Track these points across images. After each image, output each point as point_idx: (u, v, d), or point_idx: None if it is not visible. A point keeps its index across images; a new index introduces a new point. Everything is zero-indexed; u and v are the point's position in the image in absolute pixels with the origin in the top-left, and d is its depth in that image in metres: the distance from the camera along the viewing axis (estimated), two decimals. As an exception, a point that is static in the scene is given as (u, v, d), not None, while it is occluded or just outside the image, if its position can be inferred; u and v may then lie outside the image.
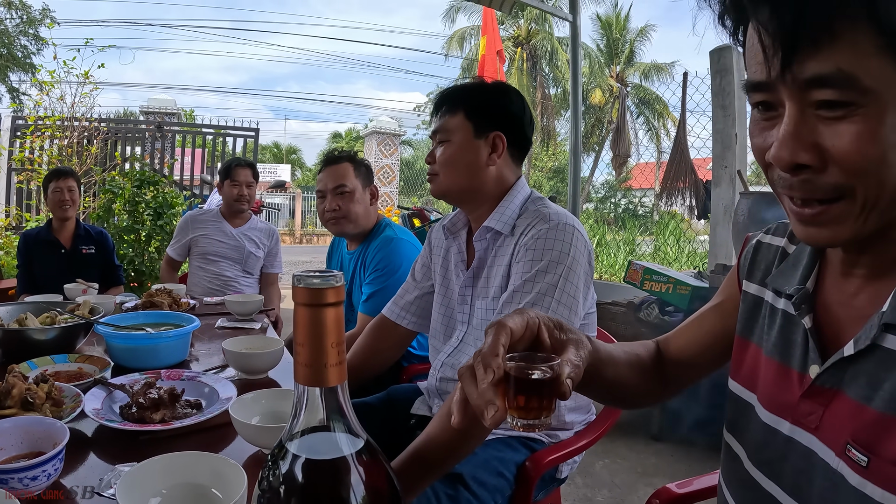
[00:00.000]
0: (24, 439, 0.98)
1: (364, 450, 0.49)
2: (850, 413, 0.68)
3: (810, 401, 0.73)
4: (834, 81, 0.58)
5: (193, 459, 0.87)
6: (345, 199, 2.36)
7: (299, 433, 0.48)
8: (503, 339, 0.68)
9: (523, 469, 1.44)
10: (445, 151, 1.53)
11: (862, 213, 0.62)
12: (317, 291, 0.45)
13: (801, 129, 0.61)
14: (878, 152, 0.58)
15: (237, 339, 1.62)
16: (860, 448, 0.66)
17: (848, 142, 0.59)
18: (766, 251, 0.90)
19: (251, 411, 1.14)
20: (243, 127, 9.94)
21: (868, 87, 0.57)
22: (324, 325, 0.46)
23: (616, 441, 3.29)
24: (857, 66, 0.57)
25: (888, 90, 0.57)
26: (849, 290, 0.74)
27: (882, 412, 0.64)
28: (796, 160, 0.62)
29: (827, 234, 0.65)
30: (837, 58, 0.57)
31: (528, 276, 1.35)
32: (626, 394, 1.01)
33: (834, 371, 0.71)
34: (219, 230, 3.48)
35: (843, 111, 0.59)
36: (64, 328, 1.63)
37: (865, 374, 0.67)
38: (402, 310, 1.77)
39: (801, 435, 0.74)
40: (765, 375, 0.83)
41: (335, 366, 0.47)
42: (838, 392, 0.70)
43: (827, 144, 0.60)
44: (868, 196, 0.61)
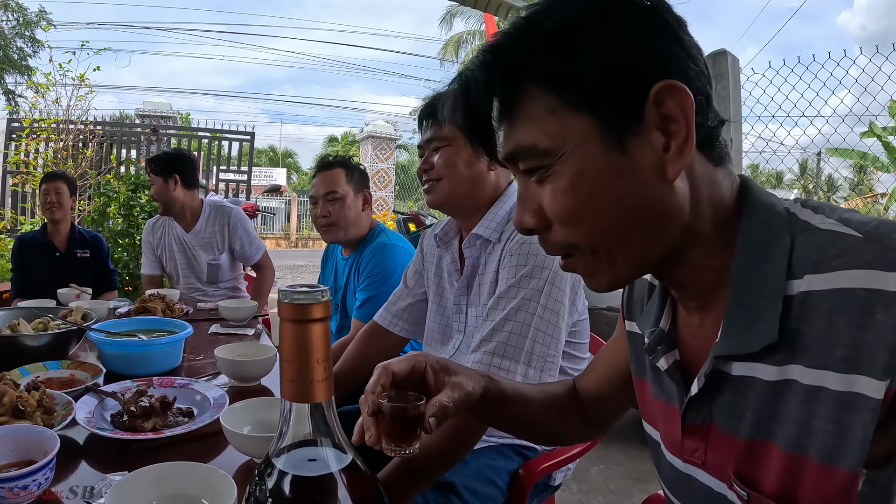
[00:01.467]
0: (14, 448, 0.98)
1: (351, 466, 0.49)
2: (725, 444, 0.69)
3: (691, 438, 0.73)
4: (519, 154, 0.65)
5: (184, 470, 0.87)
6: (335, 205, 2.35)
7: (286, 448, 0.48)
8: (383, 379, 0.79)
9: (516, 477, 1.43)
10: (447, 155, 1.50)
11: (600, 259, 0.66)
12: (302, 307, 0.45)
13: (525, 197, 0.68)
14: (576, 204, 0.63)
15: (230, 346, 1.62)
16: (740, 483, 0.66)
17: (550, 200, 0.64)
18: (639, 287, 0.90)
19: (242, 420, 1.14)
20: (239, 131, 9.93)
21: (547, 149, 0.62)
22: (310, 341, 0.46)
23: (611, 447, 3.29)
24: (533, 136, 0.63)
25: (570, 144, 0.62)
26: (694, 322, 0.74)
27: (748, 440, 0.65)
28: (525, 225, 0.68)
29: (592, 282, 0.69)
30: (518, 133, 0.64)
31: (512, 281, 1.34)
32: (544, 430, 1.04)
33: (700, 406, 0.71)
34: (171, 235, 3.27)
35: (538, 175, 0.65)
36: (56, 335, 1.63)
37: (727, 404, 0.67)
38: (395, 316, 1.77)
39: (694, 471, 0.75)
40: (657, 414, 0.83)
41: (322, 381, 0.46)
42: (711, 424, 0.70)
43: (543, 206, 0.66)
44: (592, 245, 0.65)
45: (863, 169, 14.95)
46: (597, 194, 0.62)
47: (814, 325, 0.58)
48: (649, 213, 0.63)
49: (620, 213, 0.63)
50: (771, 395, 0.62)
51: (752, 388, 0.64)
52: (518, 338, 1.28)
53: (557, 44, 0.62)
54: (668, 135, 0.61)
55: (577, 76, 0.61)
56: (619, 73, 0.60)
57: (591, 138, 0.61)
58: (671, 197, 0.63)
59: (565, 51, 0.61)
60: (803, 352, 0.59)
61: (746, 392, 0.65)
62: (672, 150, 0.61)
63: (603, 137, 0.61)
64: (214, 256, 3.25)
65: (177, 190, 3.16)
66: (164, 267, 3.30)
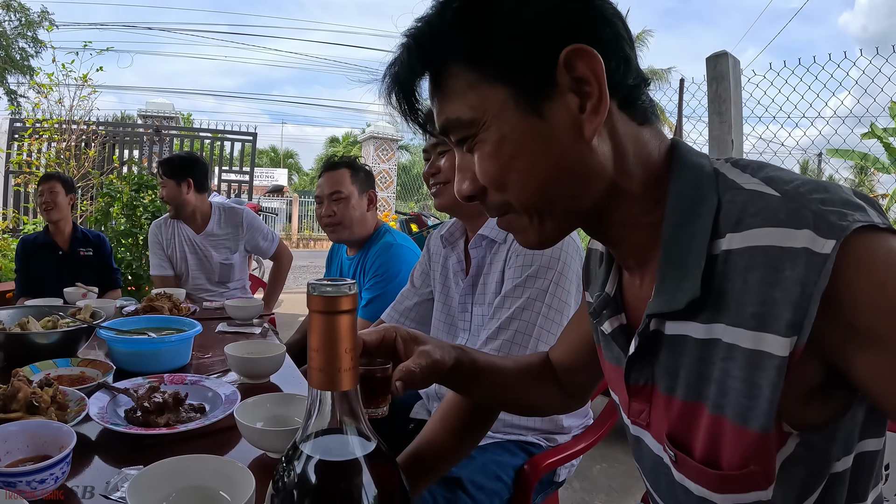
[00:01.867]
0: (29, 443, 0.99)
1: (375, 452, 0.50)
2: (664, 407, 0.71)
3: (636, 400, 0.76)
4: (449, 127, 0.70)
5: (201, 462, 0.88)
6: (340, 205, 2.38)
7: (313, 435, 0.50)
8: None
9: (521, 473, 1.45)
10: (454, 159, 1.51)
11: (532, 219, 0.70)
12: (331, 299, 0.47)
13: (461, 166, 0.73)
14: (500, 166, 0.67)
15: (239, 344, 1.63)
16: (670, 444, 0.69)
17: (479, 166, 0.69)
18: (594, 257, 0.92)
19: (255, 415, 1.15)
20: (241, 131, 9.94)
21: (470, 119, 0.67)
22: (338, 331, 0.47)
23: (613, 445, 3.30)
24: (458, 109, 0.67)
25: (489, 113, 0.66)
26: (635, 283, 0.77)
27: (683, 401, 0.67)
28: (463, 192, 0.73)
29: (521, 239, 0.73)
30: (445, 108, 0.69)
31: (518, 281, 1.36)
32: (519, 399, 1.07)
33: (640, 368, 0.73)
34: (182, 237, 3.29)
35: (467, 145, 0.70)
36: (66, 332, 1.64)
37: (664, 364, 0.69)
38: (401, 315, 1.79)
39: (642, 433, 0.78)
40: (610, 377, 0.87)
41: (349, 370, 0.48)
42: (654, 387, 0.72)
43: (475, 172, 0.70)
44: (522, 203, 0.68)
45: (863, 170, 14.94)
46: (518, 157, 0.66)
47: (733, 282, 0.60)
48: (570, 171, 0.66)
49: (542, 173, 0.66)
50: (699, 353, 0.64)
51: (684, 347, 0.66)
52: (523, 336, 1.30)
53: (466, 21, 0.65)
54: (582, 96, 0.64)
55: (487, 50, 0.64)
56: (527, 43, 0.64)
57: (507, 106, 0.65)
58: (591, 156, 0.66)
59: (474, 27, 0.65)
60: (725, 310, 0.61)
61: (680, 351, 0.67)
62: (587, 110, 0.64)
63: (518, 104, 0.64)
64: (227, 257, 3.29)
65: (189, 193, 3.20)
66: (172, 266, 3.30)
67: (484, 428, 1.18)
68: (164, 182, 3.19)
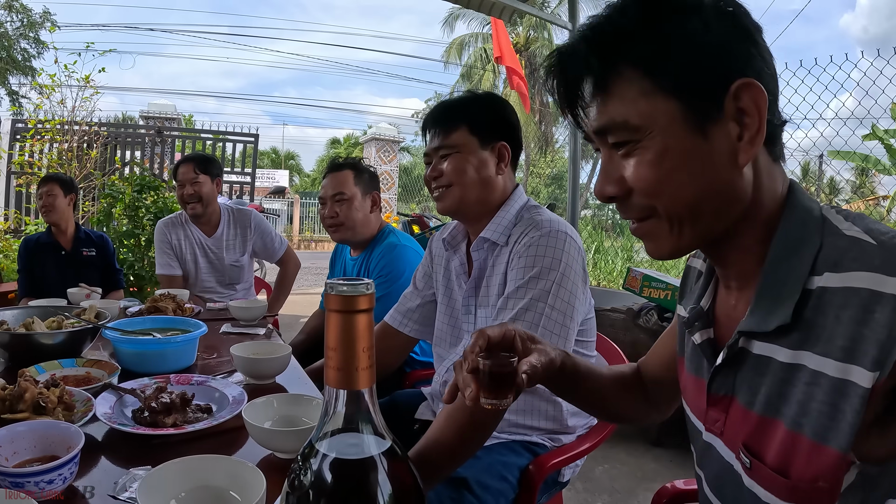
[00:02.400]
0: (37, 443, 0.99)
1: (390, 451, 0.51)
2: (741, 418, 0.77)
3: (714, 408, 0.83)
4: (611, 128, 0.73)
5: (211, 462, 0.88)
6: (343, 206, 2.38)
7: (329, 433, 0.50)
8: (480, 341, 0.86)
9: (526, 473, 1.45)
10: (456, 162, 1.51)
11: (672, 227, 0.74)
12: (349, 299, 0.47)
13: (608, 168, 0.76)
14: (660, 176, 0.71)
15: (245, 345, 1.63)
16: (746, 451, 0.75)
17: (634, 171, 0.72)
18: (691, 274, 0.99)
19: (263, 415, 1.16)
20: (243, 132, 9.95)
21: (638, 126, 0.70)
22: (355, 330, 0.48)
23: (616, 446, 3.30)
24: (626, 113, 0.71)
25: (658, 125, 0.70)
26: (730, 302, 0.83)
27: (761, 415, 0.73)
28: (605, 193, 0.76)
29: (652, 246, 0.78)
30: (611, 110, 0.72)
31: (521, 282, 1.37)
32: (610, 407, 1.12)
33: (723, 380, 0.80)
34: (192, 239, 3.26)
35: (626, 149, 0.73)
36: (72, 333, 1.64)
37: (748, 380, 0.76)
38: (404, 317, 1.79)
39: (714, 440, 0.84)
40: (688, 386, 0.93)
41: (366, 369, 0.49)
42: (733, 398, 0.79)
43: (626, 176, 0.74)
44: (668, 212, 0.73)
45: (865, 172, 14.94)
46: (677, 171, 0.70)
47: (825, 316, 0.66)
48: (720, 193, 0.72)
49: (696, 189, 0.71)
50: (783, 375, 0.70)
51: (768, 367, 0.72)
52: None
53: (652, 31, 0.70)
54: (741, 126, 0.69)
55: (667, 64, 0.69)
56: (706, 67, 0.69)
57: (676, 121, 0.69)
58: (739, 181, 0.72)
59: (659, 38, 0.69)
60: (814, 340, 0.67)
61: (764, 370, 0.73)
62: (745, 139, 0.69)
63: (687, 121, 0.69)
64: (237, 259, 3.29)
65: (218, 192, 3.22)
66: (181, 265, 3.27)
67: (489, 429, 1.19)
68: (198, 178, 3.14)
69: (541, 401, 1.50)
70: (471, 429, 1.16)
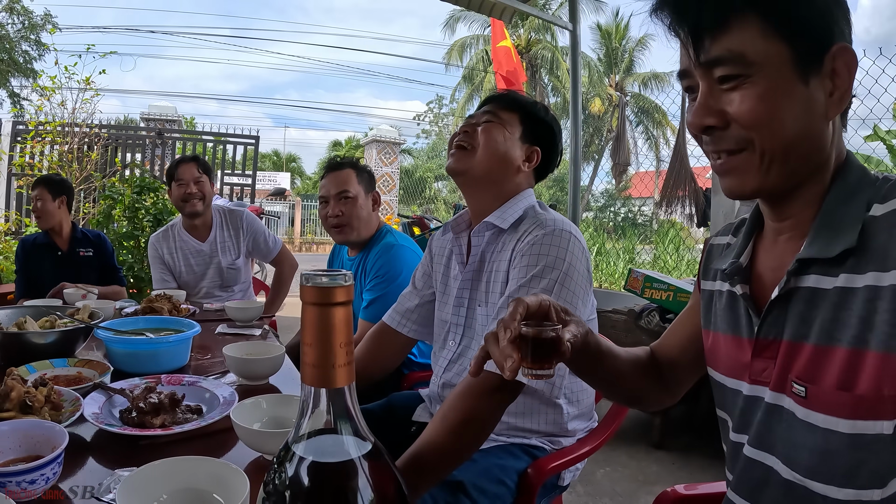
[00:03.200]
0: (22, 443, 0.97)
1: (372, 453, 0.48)
2: (791, 355, 0.81)
3: (760, 358, 0.87)
4: (726, 60, 0.77)
5: (195, 464, 0.86)
6: (348, 204, 2.35)
7: (305, 435, 0.48)
8: (521, 310, 0.85)
9: (525, 477, 1.43)
10: (493, 131, 1.54)
11: (762, 162, 0.79)
12: (326, 290, 0.45)
13: (709, 100, 0.80)
14: (765, 111, 0.76)
15: (238, 345, 1.61)
16: (799, 381, 0.79)
17: (739, 104, 0.77)
18: (716, 250, 1.05)
19: (252, 416, 1.13)
20: (243, 135, 9.95)
21: (753, 61, 0.75)
22: (332, 324, 0.45)
23: (617, 449, 3.28)
24: (744, 46, 0.76)
25: (771, 64, 0.75)
26: (777, 254, 0.89)
27: (815, 344, 0.78)
28: (704, 123, 0.81)
29: (737, 181, 0.83)
30: (728, 42, 0.76)
31: (523, 281, 1.35)
32: (629, 389, 1.15)
33: (772, 322, 0.85)
34: (185, 249, 3.20)
35: (735, 82, 0.77)
36: (63, 332, 1.62)
37: (798, 315, 0.81)
38: (403, 317, 1.77)
39: (761, 391, 0.87)
40: (723, 350, 0.96)
41: (343, 366, 0.46)
42: (780, 341, 0.83)
43: (727, 109, 0.79)
44: (764, 147, 0.78)
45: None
46: (781, 109, 0.76)
47: (878, 237, 0.74)
48: (811, 138, 0.79)
49: (794, 130, 0.77)
50: (837, 300, 0.76)
51: (823, 298, 0.78)
52: None
53: None
54: (833, 85, 0.78)
55: (787, 13, 0.75)
56: (816, 24, 0.76)
57: (786, 64, 0.76)
58: (825, 132, 0.80)
59: None
60: (870, 259, 0.74)
61: (817, 301, 0.79)
62: (834, 97, 0.78)
63: (795, 67, 0.76)
64: (232, 261, 3.25)
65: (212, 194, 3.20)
66: (176, 278, 3.21)
67: (486, 431, 1.17)
68: (201, 177, 3.12)
69: (540, 403, 1.48)
70: (466, 429, 1.14)
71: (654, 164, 22.54)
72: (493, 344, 0.84)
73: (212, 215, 3.25)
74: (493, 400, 1.19)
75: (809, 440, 0.78)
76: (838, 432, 0.75)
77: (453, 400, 1.18)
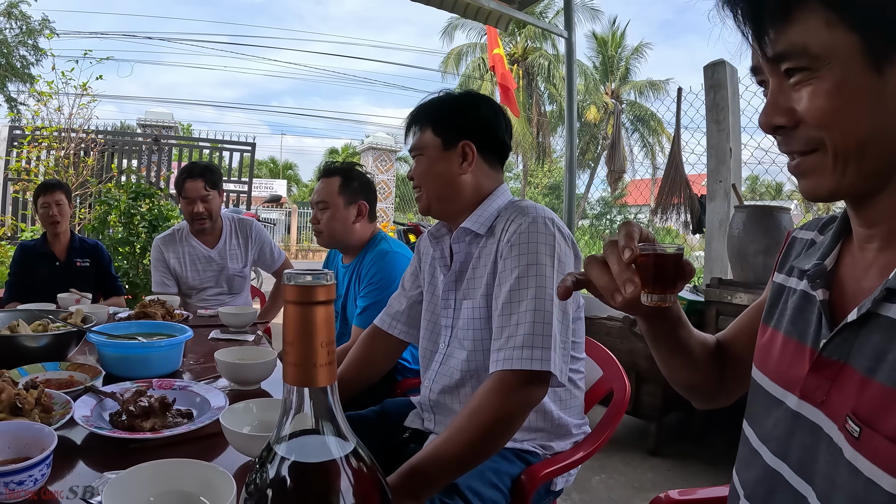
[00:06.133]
0: (11, 444, 0.97)
1: (353, 453, 0.48)
2: (854, 386, 0.72)
3: (818, 375, 0.78)
4: (791, 54, 0.72)
5: (182, 467, 0.86)
6: (325, 214, 2.39)
7: (287, 436, 0.48)
8: (636, 232, 0.81)
9: (519, 482, 1.43)
10: (419, 166, 1.57)
11: (836, 163, 0.73)
12: (307, 289, 0.45)
13: (778, 98, 0.75)
14: (835, 107, 0.70)
15: (230, 350, 1.61)
16: (857, 420, 0.70)
17: (808, 101, 0.72)
18: (798, 244, 0.98)
19: (242, 421, 1.13)
20: (239, 142, 9.98)
21: (818, 54, 0.70)
22: (314, 323, 0.45)
23: (612, 456, 3.28)
24: (807, 39, 0.70)
25: (838, 56, 0.69)
26: (864, 263, 0.80)
27: (884, 384, 0.68)
28: (772, 122, 0.76)
29: (812, 183, 0.76)
30: (792, 35, 0.71)
31: (520, 269, 1.35)
32: (691, 371, 1.08)
33: (841, 343, 0.75)
34: (192, 254, 3.19)
35: (802, 76, 0.72)
36: (56, 336, 1.62)
37: (871, 345, 0.71)
38: (393, 319, 1.78)
39: (808, 409, 0.79)
40: (779, 353, 0.88)
41: (325, 366, 0.46)
42: (845, 365, 0.74)
43: (797, 107, 0.73)
44: (837, 146, 0.72)
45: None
46: (852, 103, 0.70)
47: None
48: (889, 133, 0.71)
49: (869, 125, 0.71)
50: None
51: None
52: (541, 326, 1.29)
53: None
54: None
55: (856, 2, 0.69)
56: (888, 10, 0.69)
57: (855, 55, 0.69)
58: None
59: None
60: None
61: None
62: None
63: (866, 57, 0.69)
64: (240, 269, 3.28)
65: (221, 201, 3.21)
66: (180, 282, 3.20)
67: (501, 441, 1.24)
68: (208, 194, 3.09)
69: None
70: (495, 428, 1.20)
71: (649, 172, 22.61)
72: (599, 268, 0.80)
73: (222, 223, 3.26)
74: (523, 396, 1.24)
75: (849, 484, 0.71)
76: (880, 487, 0.67)
77: (481, 401, 1.23)
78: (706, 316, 3.48)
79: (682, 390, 1.15)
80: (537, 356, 1.25)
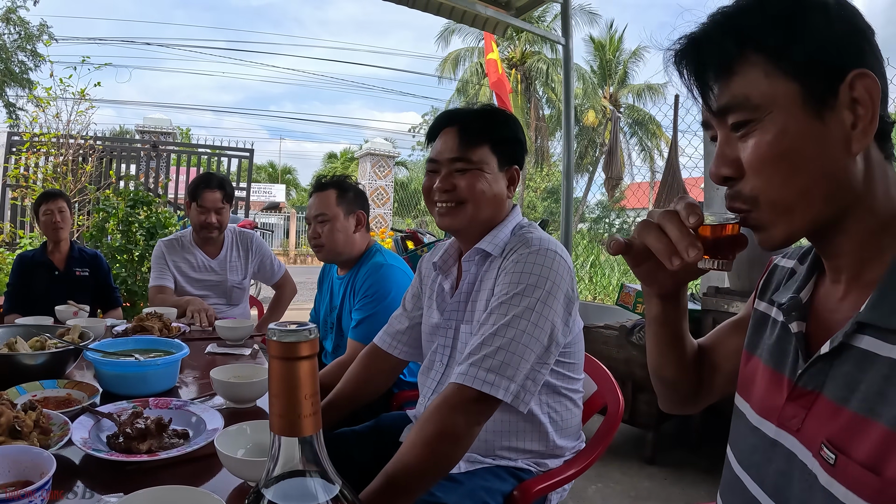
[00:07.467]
0: (11, 468, 0.98)
1: (339, 496, 0.50)
2: (828, 414, 0.75)
3: (794, 404, 0.80)
4: (734, 106, 0.75)
5: (177, 494, 0.87)
6: (325, 227, 2.38)
7: (275, 480, 0.50)
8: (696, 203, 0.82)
9: (510, 499, 1.43)
10: (475, 180, 1.49)
11: (780, 214, 0.76)
12: (290, 346, 0.47)
13: (725, 150, 0.79)
14: (777, 154, 0.73)
15: (225, 368, 1.62)
16: (831, 447, 0.72)
17: (752, 150, 0.75)
18: (779, 272, 1.00)
19: (237, 443, 1.15)
20: (238, 147, 9.98)
21: (759, 104, 0.73)
22: (297, 378, 0.47)
23: (609, 465, 3.28)
24: (748, 89, 0.74)
25: (778, 105, 0.73)
26: (836, 296, 0.82)
27: (856, 413, 0.71)
28: (720, 174, 0.79)
29: (766, 237, 0.79)
30: (734, 88, 0.75)
31: (504, 298, 1.35)
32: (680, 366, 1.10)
33: (815, 373, 0.78)
34: (193, 262, 3.22)
35: (746, 129, 0.75)
36: (53, 354, 1.63)
37: (843, 375, 0.74)
38: (394, 339, 1.78)
39: (785, 437, 0.81)
40: (759, 382, 0.90)
41: (309, 416, 0.48)
42: (819, 395, 0.77)
43: (742, 158, 0.76)
44: (777, 199, 0.75)
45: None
46: (794, 151, 0.73)
47: None
48: (831, 177, 0.73)
49: (810, 171, 0.73)
50: (888, 371, 0.69)
51: (873, 364, 0.71)
52: (506, 353, 1.27)
53: (781, 22, 0.73)
54: (855, 116, 0.72)
55: (790, 51, 0.73)
56: (826, 55, 0.72)
57: (795, 103, 0.72)
58: (852, 168, 0.74)
59: (787, 28, 0.73)
60: None
61: (866, 366, 0.71)
62: (858, 128, 0.72)
63: (805, 104, 0.72)
64: (240, 281, 3.31)
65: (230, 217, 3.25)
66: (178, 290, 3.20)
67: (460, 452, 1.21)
68: (224, 207, 3.14)
69: (524, 422, 1.48)
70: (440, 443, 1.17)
71: (648, 176, 22.63)
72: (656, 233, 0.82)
73: (224, 234, 3.30)
74: (468, 413, 1.22)
75: None
76: None
77: (429, 413, 1.21)
78: (703, 324, 3.49)
79: (663, 386, 1.17)
80: (497, 382, 1.24)
